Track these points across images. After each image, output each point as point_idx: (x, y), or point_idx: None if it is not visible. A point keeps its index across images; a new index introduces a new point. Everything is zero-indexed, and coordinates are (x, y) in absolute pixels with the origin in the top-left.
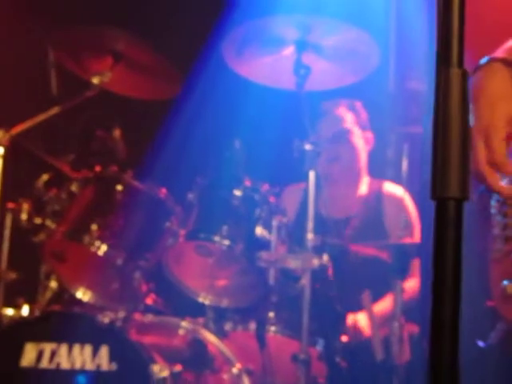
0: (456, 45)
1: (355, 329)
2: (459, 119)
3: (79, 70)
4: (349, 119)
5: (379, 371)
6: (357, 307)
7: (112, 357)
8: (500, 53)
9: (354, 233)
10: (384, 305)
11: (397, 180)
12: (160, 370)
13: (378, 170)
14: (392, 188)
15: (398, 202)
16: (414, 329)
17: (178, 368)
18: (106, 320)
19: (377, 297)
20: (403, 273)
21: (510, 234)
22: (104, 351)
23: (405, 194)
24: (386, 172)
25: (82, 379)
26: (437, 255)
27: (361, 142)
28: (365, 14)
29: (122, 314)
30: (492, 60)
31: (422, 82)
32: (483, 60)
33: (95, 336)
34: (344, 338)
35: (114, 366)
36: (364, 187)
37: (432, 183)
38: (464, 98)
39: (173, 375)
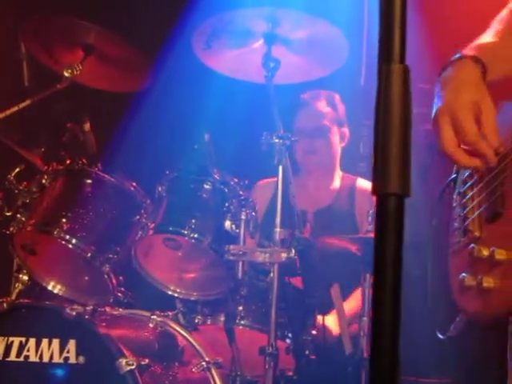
0: (398, 41)
1: (324, 329)
2: (400, 115)
3: (51, 62)
4: (328, 115)
5: (348, 364)
6: (326, 300)
7: (80, 350)
8: (470, 50)
9: (326, 226)
10: (353, 302)
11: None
12: (127, 362)
13: (352, 164)
14: (364, 183)
15: (370, 197)
16: None
17: (145, 361)
18: (74, 313)
19: (346, 290)
20: (372, 266)
21: (468, 226)
22: (72, 344)
23: None
24: (359, 166)
25: (60, 372)
26: (377, 251)
27: (337, 138)
28: (337, 7)
29: (89, 307)
30: (462, 56)
31: None
32: (455, 56)
33: (63, 329)
34: (313, 332)
35: (82, 359)
36: (337, 181)
37: (373, 179)
38: (405, 93)
39: (140, 368)
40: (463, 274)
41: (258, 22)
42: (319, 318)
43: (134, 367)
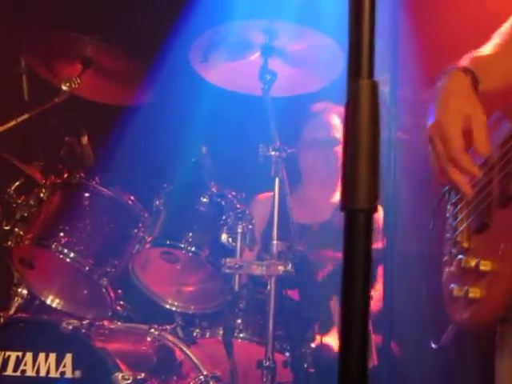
0: (366, 56)
1: (324, 348)
2: (368, 131)
3: (50, 76)
4: (339, 128)
5: None
6: (325, 313)
7: (76, 364)
8: (463, 61)
9: (326, 239)
10: None
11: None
12: (123, 377)
13: None
14: None
15: None
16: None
17: (141, 375)
18: (70, 327)
19: None
20: (372, 278)
21: (457, 237)
22: (68, 359)
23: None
24: None
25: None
26: (346, 266)
27: (341, 152)
28: (336, 19)
29: (86, 321)
30: (454, 68)
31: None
32: (448, 68)
33: (60, 343)
34: (312, 345)
35: (78, 374)
36: (338, 195)
37: (341, 194)
38: (374, 109)
39: (136, 382)
40: (452, 285)
41: (254, 35)
42: (318, 337)
43: (129, 381)
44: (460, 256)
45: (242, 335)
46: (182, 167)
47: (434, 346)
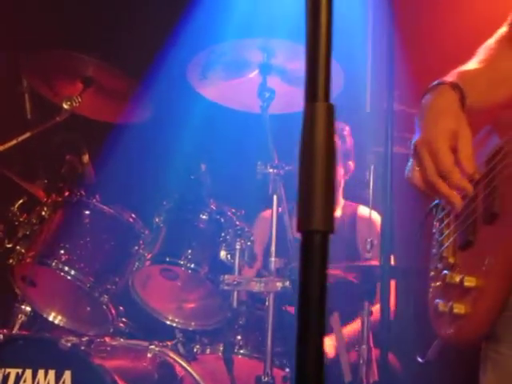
0: (322, 80)
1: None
2: (324, 154)
3: (51, 95)
4: (336, 145)
5: None
6: (326, 329)
7: (75, 381)
8: (449, 77)
9: (331, 255)
10: (353, 326)
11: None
12: None
13: (356, 191)
14: (366, 211)
15: (371, 225)
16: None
17: None
18: (69, 344)
19: (346, 319)
20: (370, 295)
21: (443, 252)
22: (67, 375)
23: (378, 217)
24: (365, 193)
25: None
26: (302, 286)
27: (341, 171)
28: (339, 36)
29: (85, 338)
30: (440, 83)
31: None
32: (433, 83)
33: (59, 360)
34: None
35: None
36: (338, 212)
37: (297, 216)
38: (329, 132)
39: None
40: (437, 300)
41: (252, 53)
42: None
43: None
44: (445, 271)
45: (241, 351)
46: (181, 184)
47: (420, 360)
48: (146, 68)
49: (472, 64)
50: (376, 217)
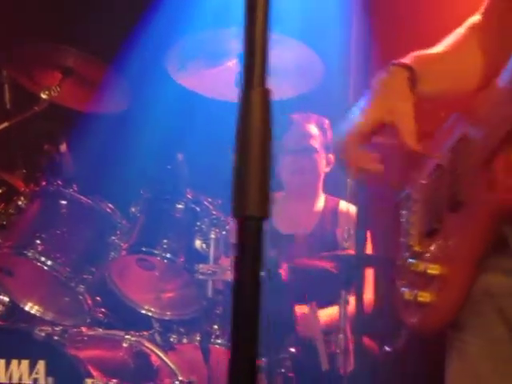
0: (259, 65)
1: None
2: (259, 140)
3: (31, 85)
4: (317, 137)
5: (324, 381)
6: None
7: (49, 371)
8: (405, 59)
9: (309, 248)
10: (330, 312)
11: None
12: (93, 383)
13: (337, 186)
14: (346, 206)
15: (351, 218)
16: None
17: (113, 381)
18: (43, 334)
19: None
20: (348, 284)
21: (410, 241)
22: (41, 365)
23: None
24: (345, 189)
25: None
26: (237, 272)
27: (323, 162)
28: (322, 30)
29: (59, 328)
30: (394, 64)
31: None
32: (389, 64)
33: (32, 350)
34: (292, 349)
35: (50, 381)
36: (321, 204)
37: (232, 202)
38: (265, 117)
39: None
40: (403, 289)
41: (231, 42)
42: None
43: None
44: (411, 260)
45: (219, 341)
46: (158, 174)
47: (387, 349)
48: (125, 58)
49: (436, 49)
50: (354, 209)
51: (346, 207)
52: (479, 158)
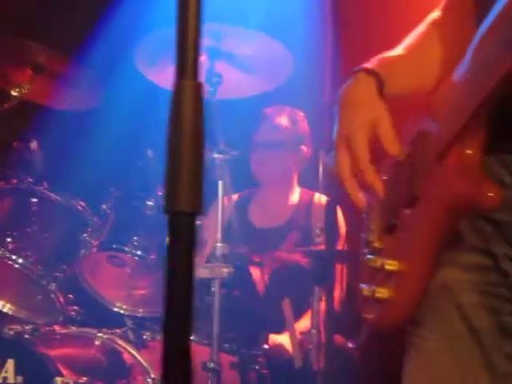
0: (191, 58)
1: (277, 348)
2: (191, 134)
3: (0, 82)
4: (287, 130)
5: (298, 378)
6: (277, 315)
7: (18, 370)
8: (369, 63)
9: (283, 242)
10: (306, 322)
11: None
12: (63, 381)
13: (314, 180)
14: (321, 198)
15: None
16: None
17: (83, 379)
18: (12, 333)
19: (298, 304)
20: (321, 279)
21: (369, 237)
22: (10, 364)
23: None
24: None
25: None
26: (169, 268)
27: (294, 154)
28: (286, 22)
29: (29, 327)
30: (357, 70)
31: None
32: (354, 70)
33: (1, 349)
34: (265, 346)
35: (20, 379)
36: (295, 197)
37: (164, 197)
38: (197, 110)
39: None
40: (362, 285)
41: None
42: (272, 336)
43: None
44: (369, 256)
45: (191, 338)
46: (128, 171)
47: (350, 345)
48: (94, 54)
49: (397, 50)
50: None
51: (320, 200)
52: (435, 152)
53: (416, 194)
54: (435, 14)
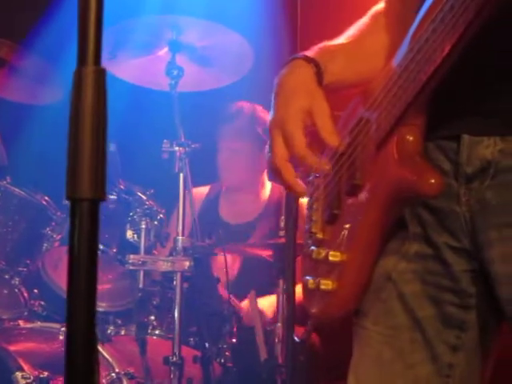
0: (92, 43)
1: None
2: (92, 120)
3: None
4: (260, 124)
5: (262, 371)
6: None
7: None
8: (308, 51)
9: (254, 235)
10: (270, 300)
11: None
12: (23, 376)
13: None
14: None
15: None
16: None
17: (44, 374)
18: None
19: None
20: (284, 272)
21: (312, 228)
22: None
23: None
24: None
25: None
26: (71, 257)
27: (259, 153)
28: (247, 15)
29: None
30: (294, 57)
31: None
32: (291, 58)
33: None
34: (233, 340)
35: None
36: (266, 193)
37: (66, 184)
38: (99, 97)
39: (40, 381)
40: (306, 277)
41: (162, 31)
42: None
43: (30, 381)
44: (313, 247)
45: (156, 332)
46: None
47: (296, 339)
48: (58, 49)
49: (338, 39)
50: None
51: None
52: (375, 140)
53: (357, 183)
54: (379, 5)
